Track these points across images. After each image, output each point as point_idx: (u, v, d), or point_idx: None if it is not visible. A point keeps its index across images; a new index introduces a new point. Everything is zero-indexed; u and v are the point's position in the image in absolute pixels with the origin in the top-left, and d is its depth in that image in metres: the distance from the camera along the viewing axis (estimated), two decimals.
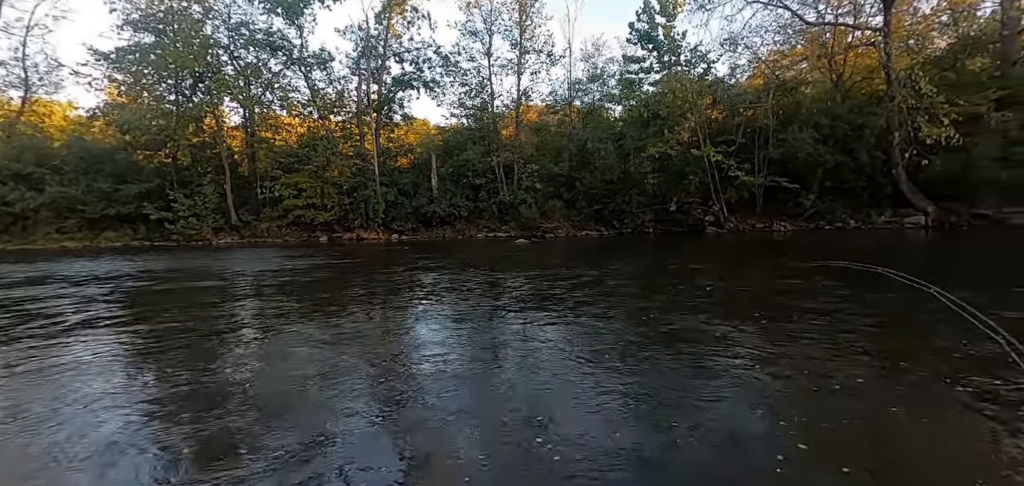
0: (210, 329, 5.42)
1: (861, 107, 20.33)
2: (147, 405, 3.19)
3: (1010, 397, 2.97)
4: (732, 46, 24.95)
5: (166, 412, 3.06)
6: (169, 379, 3.69)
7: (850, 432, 2.65)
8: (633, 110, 23.97)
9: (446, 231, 23.66)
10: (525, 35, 27.03)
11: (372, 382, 3.59)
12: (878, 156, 19.38)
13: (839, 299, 5.97)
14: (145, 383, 3.68)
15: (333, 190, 23.02)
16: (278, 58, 25.11)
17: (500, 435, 2.70)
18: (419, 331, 5.32)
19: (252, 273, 10.70)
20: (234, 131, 27.26)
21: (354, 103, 26.17)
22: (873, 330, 4.69)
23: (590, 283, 8.03)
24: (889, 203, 19.53)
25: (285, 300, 7.26)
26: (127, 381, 3.73)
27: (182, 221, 21.71)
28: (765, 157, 20.85)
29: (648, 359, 3.95)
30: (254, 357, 4.37)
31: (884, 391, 3.18)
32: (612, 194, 22.92)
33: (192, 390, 3.41)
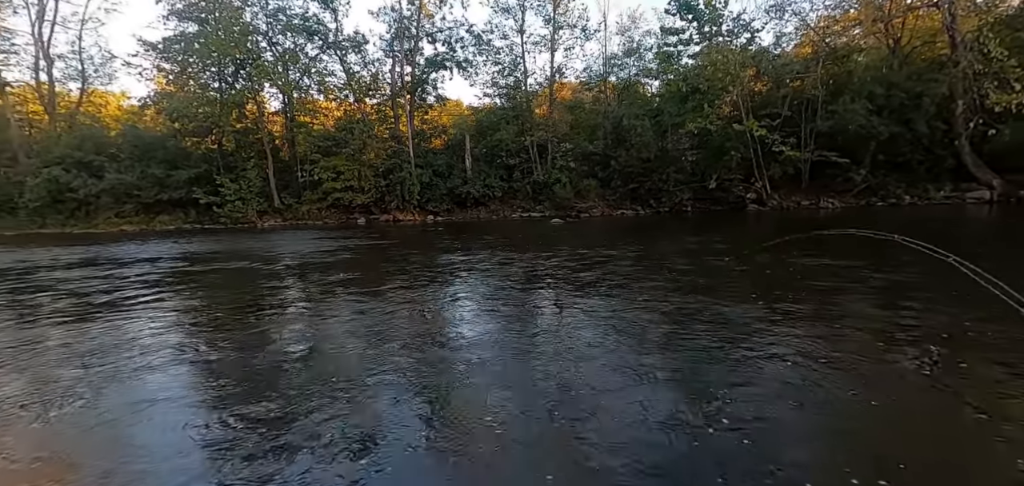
0: (264, 304, 5.66)
1: (920, 74, 18.99)
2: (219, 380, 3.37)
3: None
4: (779, 13, 23.72)
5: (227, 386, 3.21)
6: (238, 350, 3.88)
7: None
8: (671, 84, 23.23)
9: (480, 212, 23.76)
10: (558, 10, 26.42)
11: (415, 360, 3.66)
12: (938, 126, 18.14)
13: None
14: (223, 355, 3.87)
15: (369, 172, 23.42)
16: (314, 42, 25.53)
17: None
18: (459, 311, 5.38)
19: (297, 254, 11.07)
20: (274, 116, 28.02)
21: (388, 85, 26.38)
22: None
23: (631, 264, 7.91)
24: (949, 177, 18.32)
25: (334, 279, 7.48)
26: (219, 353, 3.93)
27: (229, 205, 22.62)
28: (812, 130, 19.86)
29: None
30: (308, 332, 4.53)
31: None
32: (648, 172, 22.40)
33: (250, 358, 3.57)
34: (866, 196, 18.87)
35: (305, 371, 3.57)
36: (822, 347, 3.68)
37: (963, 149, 17.79)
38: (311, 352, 4.05)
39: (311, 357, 3.91)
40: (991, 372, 3.16)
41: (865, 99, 18.52)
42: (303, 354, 3.99)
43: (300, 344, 4.28)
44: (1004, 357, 3.32)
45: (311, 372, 3.54)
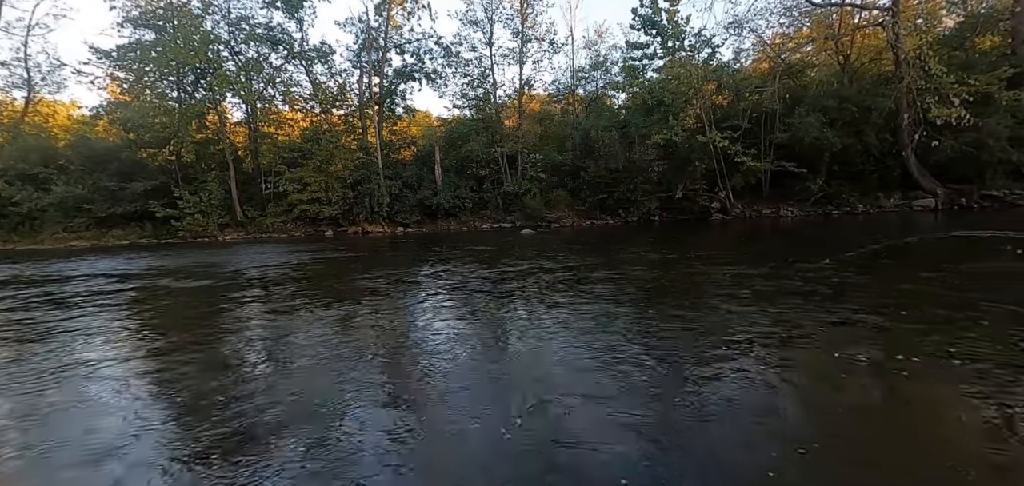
0: (222, 323, 5.43)
1: (869, 89, 20.09)
2: (163, 406, 3.19)
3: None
4: (737, 29, 24.64)
5: (181, 412, 3.05)
6: (183, 378, 3.69)
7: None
8: (637, 97, 23.76)
9: (451, 223, 23.64)
10: (526, 23, 26.82)
11: (385, 372, 3.58)
12: (886, 138, 19.17)
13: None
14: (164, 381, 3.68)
15: (337, 184, 23.01)
16: (279, 52, 25.04)
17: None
18: (428, 326, 5.31)
19: (261, 268, 10.71)
20: (237, 127, 27.27)
21: (356, 96, 26.08)
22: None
23: (598, 274, 8.00)
24: (898, 186, 19.33)
25: (298, 293, 7.26)
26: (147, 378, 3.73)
27: (188, 218, 21.80)
28: (771, 142, 20.65)
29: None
30: (269, 350, 4.36)
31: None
32: (617, 182, 22.80)
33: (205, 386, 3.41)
34: (822, 205, 19.71)
35: (265, 393, 3.40)
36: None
37: (909, 160, 18.82)
38: (273, 372, 3.90)
39: (273, 377, 3.77)
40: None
41: (819, 112, 19.41)
42: (264, 375, 3.84)
43: (260, 364, 4.12)
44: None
45: (272, 395, 3.39)
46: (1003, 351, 3.40)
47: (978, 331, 3.89)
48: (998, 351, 3.40)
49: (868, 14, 21.38)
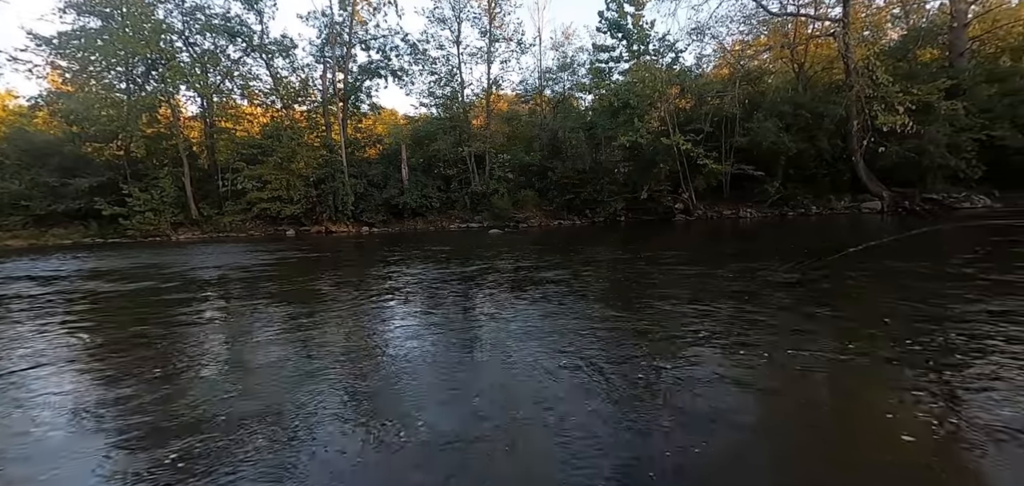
0: (172, 328, 5.15)
1: (821, 96, 21.04)
2: (103, 425, 2.98)
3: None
4: (699, 36, 25.40)
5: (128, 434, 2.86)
6: (128, 390, 3.47)
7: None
8: (603, 99, 24.08)
9: (418, 223, 23.34)
10: (494, 23, 26.77)
11: (351, 377, 3.47)
12: (837, 144, 20.10)
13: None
14: (103, 395, 3.44)
15: (299, 182, 22.35)
16: (237, 45, 24.12)
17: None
18: (393, 327, 5.19)
19: (217, 268, 10.26)
20: (192, 121, 26.11)
21: (319, 92, 25.41)
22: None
23: (562, 273, 8.04)
24: (848, 189, 20.30)
25: (256, 295, 6.98)
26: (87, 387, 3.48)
27: (138, 216, 20.71)
28: (731, 145, 21.33)
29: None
30: (224, 357, 4.15)
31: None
32: (584, 183, 23.04)
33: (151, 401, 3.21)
34: (779, 206, 20.49)
35: (216, 405, 3.22)
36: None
37: (858, 164, 19.79)
38: (225, 381, 3.72)
39: (226, 385, 3.59)
40: None
41: (776, 117, 20.20)
42: (216, 385, 3.65)
43: (212, 371, 3.92)
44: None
45: (225, 406, 3.22)
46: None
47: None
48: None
49: (821, 24, 22.39)
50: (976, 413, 2.57)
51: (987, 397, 2.74)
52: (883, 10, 25.16)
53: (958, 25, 20.53)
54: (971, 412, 2.59)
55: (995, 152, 18.36)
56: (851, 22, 19.88)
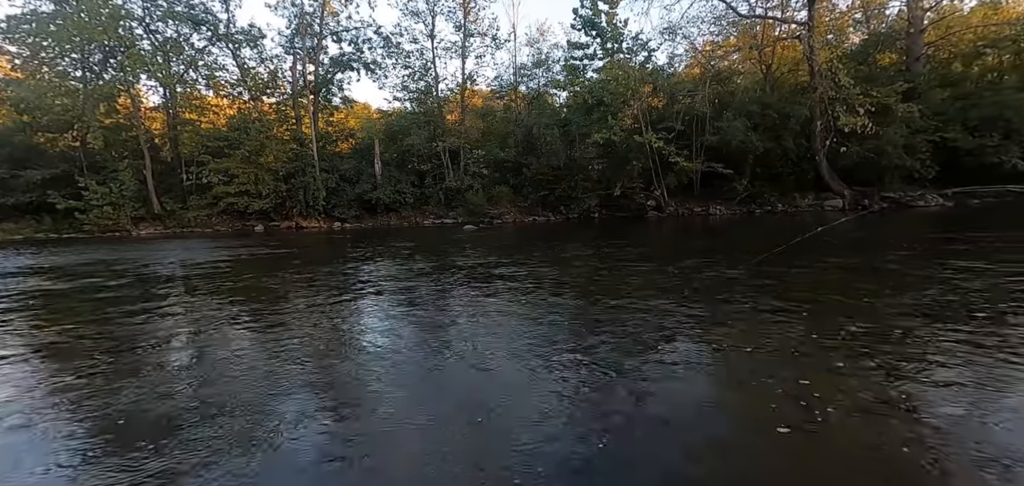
0: (128, 333, 4.95)
1: (787, 97, 21.70)
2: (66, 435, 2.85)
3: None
4: (671, 35, 25.83)
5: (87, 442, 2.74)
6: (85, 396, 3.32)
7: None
8: (578, 96, 24.25)
9: (391, 218, 23.05)
10: (469, 17, 26.60)
11: (319, 375, 3.40)
12: (802, 143, 20.76)
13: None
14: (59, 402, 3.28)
15: (268, 176, 21.77)
16: (201, 33, 23.30)
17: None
18: (364, 326, 5.12)
19: (180, 265, 9.91)
20: (154, 112, 25.15)
21: (289, 84, 24.79)
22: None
23: (538, 272, 8.07)
24: (811, 187, 21.01)
25: (220, 293, 6.77)
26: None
27: (95, 210, 19.83)
28: (702, 144, 21.77)
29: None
30: (185, 362, 4.02)
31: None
32: (558, 180, 23.18)
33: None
34: (747, 204, 21.05)
35: (182, 413, 3.12)
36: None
37: (821, 163, 20.50)
38: (189, 384, 3.60)
39: (191, 389, 3.47)
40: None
41: (744, 117, 20.72)
42: (180, 388, 3.53)
43: (175, 374, 3.79)
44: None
45: (190, 412, 3.11)
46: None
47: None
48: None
49: (787, 27, 23.06)
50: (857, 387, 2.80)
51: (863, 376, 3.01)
52: (846, 14, 26.07)
53: (915, 31, 21.45)
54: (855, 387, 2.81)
55: (948, 153, 19.29)
56: (816, 26, 20.56)
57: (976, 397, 2.72)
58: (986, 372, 3.03)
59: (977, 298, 4.81)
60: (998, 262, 6.65)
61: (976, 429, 2.41)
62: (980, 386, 2.85)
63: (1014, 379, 2.92)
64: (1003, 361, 3.18)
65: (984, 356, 3.28)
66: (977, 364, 3.16)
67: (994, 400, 2.69)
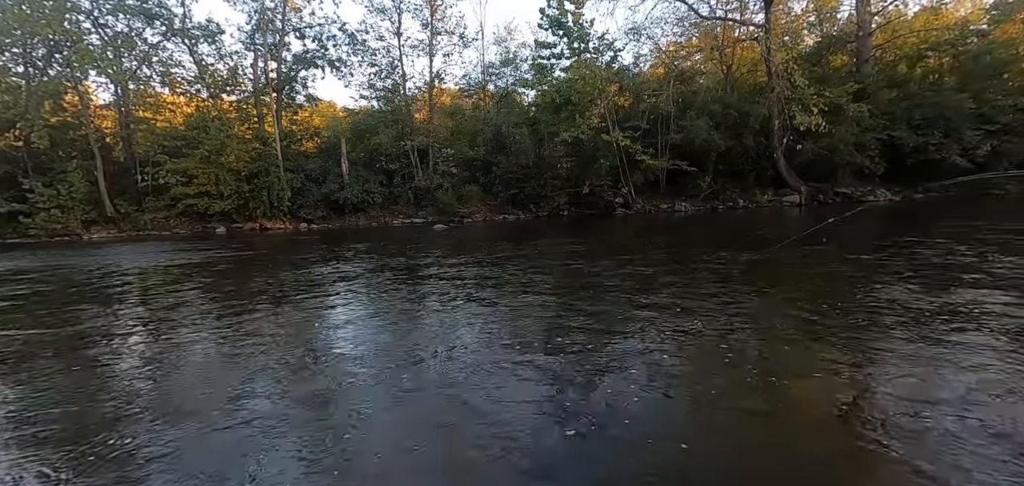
0: (81, 338, 4.76)
1: (747, 96, 22.48)
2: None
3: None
4: (636, 36, 26.36)
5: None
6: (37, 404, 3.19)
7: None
8: (546, 95, 24.43)
9: (359, 219, 22.68)
10: (436, 15, 26.39)
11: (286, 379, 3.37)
12: (761, 141, 21.54)
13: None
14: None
15: (230, 176, 21.07)
16: (155, 28, 22.29)
17: None
18: (331, 331, 5.08)
19: (134, 271, 9.54)
20: (105, 110, 23.95)
21: (250, 81, 24.04)
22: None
23: (509, 269, 8.15)
24: (770, 184, 21.83)
25: (177, 299, 6.56)
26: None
27: (42, 214, 18.79)
28: (667, 142, 22.29)
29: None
30: (143, 369, 3.91)
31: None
32: (528, 178, 23.28)
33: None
34: (710, 200, 21.68)
35: (139, 422, 3.05)
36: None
37: (779, 161, 21.32)
38: (149, 391, 3.52)
39: (149, 397, 3.40)
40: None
41: (706, 116, 21.33)
42: (139, 396, 3.44)
43: (133, 382, 3.69)
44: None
45: (147, 423, 3.05)
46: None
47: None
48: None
49: (746, 29, 23.87)
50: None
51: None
52: (800, 17, 27.15)
53: (863, 34, 22.53)
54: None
55: (895, 150, 20.37)
56: (772, 28, 21.34)
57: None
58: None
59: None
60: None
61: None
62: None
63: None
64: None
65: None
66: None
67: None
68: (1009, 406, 2.65)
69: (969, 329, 3.86)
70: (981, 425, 2.48)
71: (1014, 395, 2.77)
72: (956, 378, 3.01)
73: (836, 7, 26.79)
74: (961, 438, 2.38)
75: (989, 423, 2.49)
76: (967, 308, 4.39)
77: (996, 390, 2.83)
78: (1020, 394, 2.77)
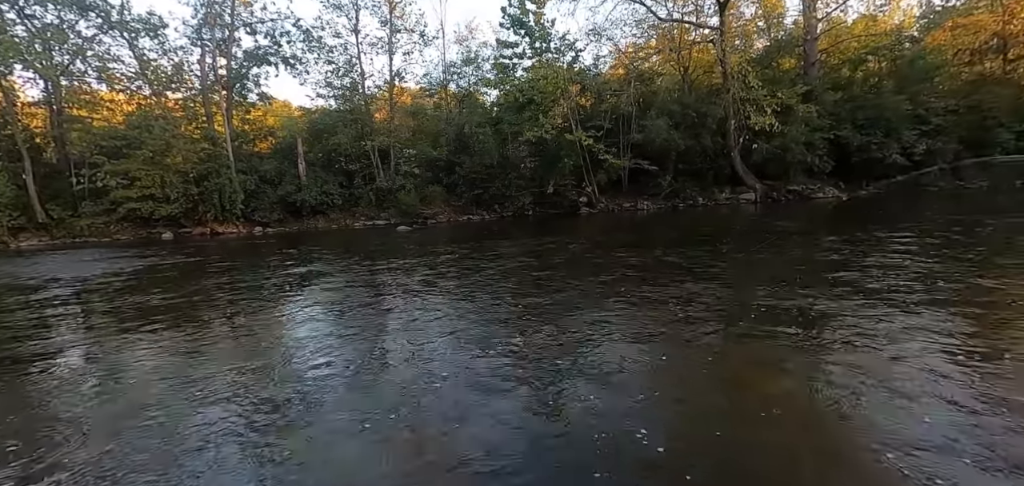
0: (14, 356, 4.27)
1: (704, 97, 23.11)
2: None
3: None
4: (596, 37, 26.71)
5: None
6: None
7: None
8: (509, 95, 24.36)
9: (319, 221, 21.89)
10: (395, 13, 25.82)
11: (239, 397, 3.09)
12: (718, 141, 22.21)
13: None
14: None
15: (177, 178, 19.85)
16: (90, 20, 20.74)
17: None
18: (287, 341, 4.77)
19: (68, 282, 8.77)
20: (33, 108, 22.11)
21: (197, 78, 22.78)
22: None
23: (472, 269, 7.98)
24: (728, 182, 22.54)
25: (116, 311, 6.04)
26: None
27: None
28: (629, 142, 22.65)
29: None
30: (82, 388, 3.52)
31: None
32: (492, 178, 23.10)
33: None
34: (671, 199, 22.17)
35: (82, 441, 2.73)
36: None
37: (736, 159, 22.06)
38: (92, 410, 3.17)
39: (94, 416, 3.06)
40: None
41: (666, 116, 21.79)
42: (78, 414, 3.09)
43: (71, 401, 3.32)
44: None
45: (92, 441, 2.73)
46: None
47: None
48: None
49: (701, 33, 24.58)
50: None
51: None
52: (751, 21, 28.23)
53: (810, 38, 23.62)
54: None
55: (841, 149, 21.44)
56: (726, 31, 22.06)
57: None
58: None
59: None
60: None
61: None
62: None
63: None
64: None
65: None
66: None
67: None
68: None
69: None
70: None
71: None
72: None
73: (783, 12, 28.07)
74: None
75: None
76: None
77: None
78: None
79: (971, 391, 2.86)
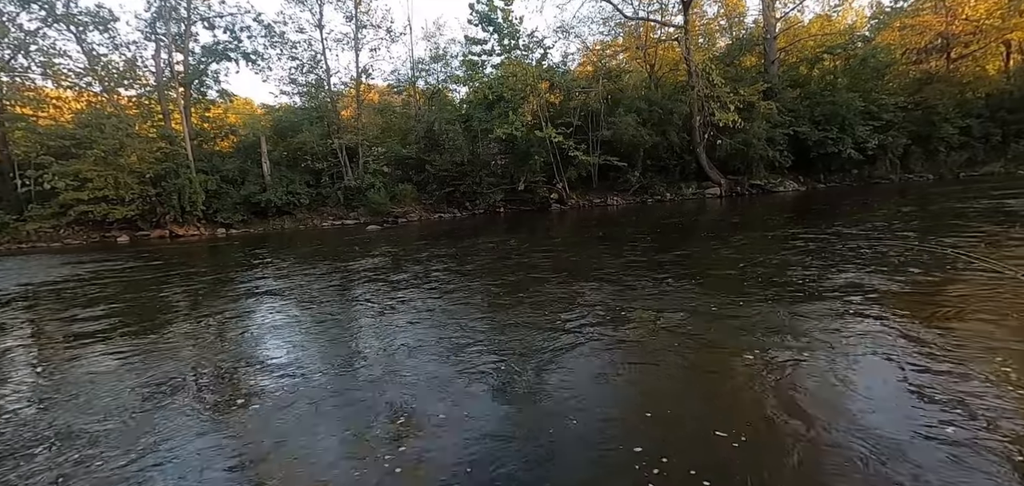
0: None
1: (671, 94, 23.56)
2: None
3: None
4: (564, 34, 26.89)
5: None
6: None
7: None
8: (478, 92, 24.26)
9: (285, 221, 21.31)
10: (360, 8, 25.33)
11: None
12: (684, 137, 22.69)
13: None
14: None
15: (132, 179, 18.97)
16: (32, 12, 19.61)
17: None
18: (247, 351, 4.66)
19: (8, 291, 8.29)
20: None
21: (152, 75, 21.83)
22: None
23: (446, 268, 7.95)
24: (694, 177, 23.09)
25: (65, 321, 5.74)
26: None
27: None
28: (598, 138, 22.89)
29: None
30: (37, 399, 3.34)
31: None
32: (463, 176, 22.98)
33: None
34: (640, 195, 22.55)
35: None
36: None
37: (701, 155, 22.61)
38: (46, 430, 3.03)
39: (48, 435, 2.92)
40: None
41: (634, 113, 22.13)
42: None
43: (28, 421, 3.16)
44: None
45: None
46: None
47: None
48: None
49: (667, 31, 25.05)
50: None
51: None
52: (714, 20, 28.96)
53: (770, 37, 24.40)
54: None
55: (800, 145, 22.25)
56: (690, 29, 22.54)
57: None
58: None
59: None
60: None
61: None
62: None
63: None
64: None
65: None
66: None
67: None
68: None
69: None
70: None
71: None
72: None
73: (744, 12, 28.91)
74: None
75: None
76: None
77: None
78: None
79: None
